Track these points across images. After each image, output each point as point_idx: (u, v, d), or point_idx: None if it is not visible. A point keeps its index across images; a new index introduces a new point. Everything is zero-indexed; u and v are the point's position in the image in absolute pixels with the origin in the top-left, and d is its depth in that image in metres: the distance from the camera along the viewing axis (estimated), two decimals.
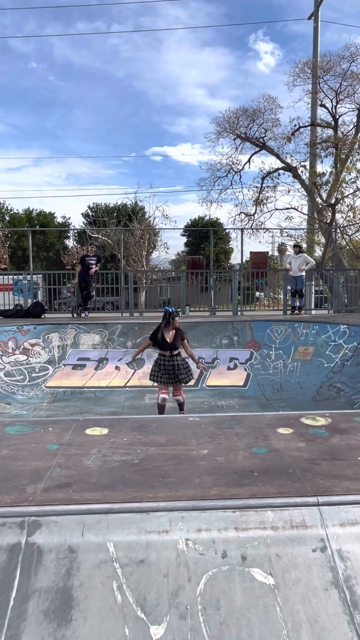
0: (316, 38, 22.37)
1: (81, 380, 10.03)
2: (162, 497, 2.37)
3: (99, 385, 9.89)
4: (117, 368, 10.31)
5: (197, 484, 2.52)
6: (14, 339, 10.52)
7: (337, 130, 20.82)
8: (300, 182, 21.68)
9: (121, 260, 19.10)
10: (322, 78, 20.06)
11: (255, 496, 2.38)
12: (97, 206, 35.91)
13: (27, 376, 9.99)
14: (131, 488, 2.48)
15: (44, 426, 3.46)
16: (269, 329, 11.09)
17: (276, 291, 20.39)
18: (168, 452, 2.98)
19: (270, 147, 21.99)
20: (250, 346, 10.85)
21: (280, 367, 10.31)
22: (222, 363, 10.43)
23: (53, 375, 10.13)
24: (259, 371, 10.26)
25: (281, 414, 3.94)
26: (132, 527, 2.21)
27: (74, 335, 10.91)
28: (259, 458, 2.87)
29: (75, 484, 2.55)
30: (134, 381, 10.00)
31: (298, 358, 10.39)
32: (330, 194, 20.48)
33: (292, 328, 10.94)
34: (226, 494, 2.40)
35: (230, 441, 3.17)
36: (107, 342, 10.85)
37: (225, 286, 23.01)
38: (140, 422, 3.55)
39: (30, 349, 10.52)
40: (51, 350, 10.62)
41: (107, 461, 2.83)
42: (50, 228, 36.09)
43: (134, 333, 10.95)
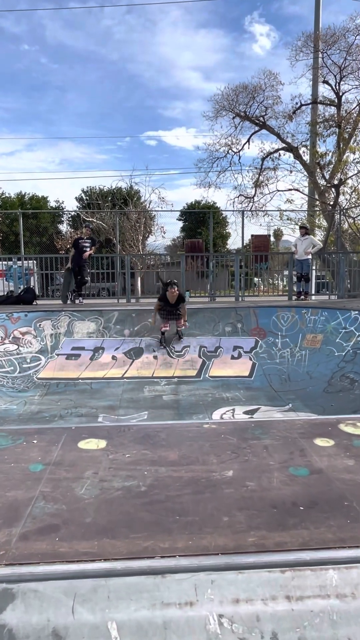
0: (318, 12, 21.35)
1: (76, 371, 9.38)
2: (183, 548, 1.74)
3: (95, 377, 9.24)
4: (114, 358, 9.65)
5: (227, 526, 1.89)
6: (3, 327, 9.82)
7: (341, 108, 19.97)
8: (302, 162, 20.87)
9: (116, 245, 18.33)
10: (325, 52, 19.14)
11: (308, 546, 1.75)
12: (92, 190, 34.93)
13: (18, 367, 9.32)
14: (139, 533, 1.85)
15: (27, 437, 2.81)
16: (275, 316, 10.44)
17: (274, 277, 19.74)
18: (183, 474, 2.35)
19: (271, 127, 21.12)
20: (255, 334, 10.21)
21: (288, 356, 9.70)
22: (226, 352, 9.80)
23: (45, 366, 9.47)
24: (265, 360, 9.64)
25: (314, 419, 3.32)
26: (142, 597, 1.58)
27: (68, 323, 10.23)
28: (300, 483, 2.24)
29: (63, 526, 1.91)
30: (132, 372, 9.35)
31: (306, 346, 9.77)
32: (333, 174, 19.71)
33: (299, 314, 10.30)
34: (269, 543, 1.76)
35: (259, 457, 2.54)
36: (103, 330, 10.18)
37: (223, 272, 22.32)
38: (145, 432, 2.91)
39: (20, 338, 9.83)
40: (43, 339, 9.94)
41: (106, 489, 2.19)
42: (43, 210, 35.11)
43: (131, 320, 10.28)
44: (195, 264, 14.89)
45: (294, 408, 7.56)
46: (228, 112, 21.25)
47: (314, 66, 19.38)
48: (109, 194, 31.89)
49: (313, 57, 19.14)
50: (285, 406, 7.73)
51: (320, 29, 19.39)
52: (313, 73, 19.80)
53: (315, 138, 20.09)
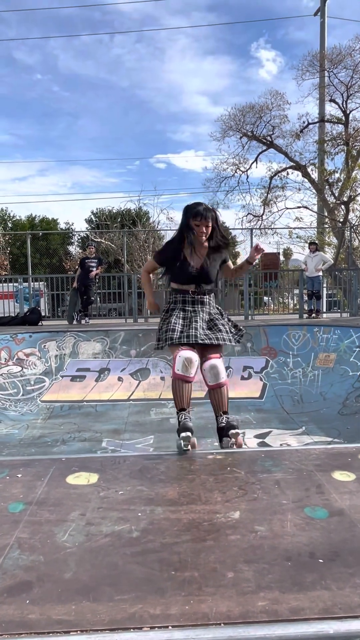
0: (323, 33, 21.53)
1: (80, 393, 9.10)
2: (177, 615, 1.43)
3: (100, 399, 8.95)
4: (119, 379, 9.37)
5: (232, 584, 1.58)
6: (7, 348, 9.61)
7: (348, 126, 19.91)
8: (310, 180, 20.76)
9: (124, 264, 18.23)
10: (331, 71, 19.18)
11: (330, 613, 1.43)
12: (101, 211, 35.19)
13: (21, 389, 9.07)
14: (125, 594, 1.54)
15: (12, 470, 2.52)
16: (286, 334, 10.11)
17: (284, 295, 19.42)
18: (182, 515, 2.04)
19: (278, 146, 21.09)
20: (266, 353, 9.88)
21: (300, 376, 9.33)
22: (236, 372, 9.46)
23: (49, 388, 9.21)
24: (276, 381, 9.28)
25: (331, 447, 2.99)
26: None
27: (73, 343, 10.00)
28: (318, 528, 1.92)
29: (37, 584, 1.61)
30: (139, 394, 9.05)
31: (319, 366, 9.40)
32: (342, 191, 19.54)
33: (311, 333, 9.96)
34: (282, 609, 1.45)
35: (270, 495, 2.22)
36: (109, 350, 9.92)
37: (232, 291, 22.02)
38: (142, 464, 2.61)
39: (24, 360, 9.61)
40: (48, 360, 9.71)
41: (92, 535, 1.89)
42: (51, 232, 35.37)
43: (138, 340, 10.02)
44: None
45: (307, 431, 7.18)
46: (235, 132, 21.29)
47: (320, 85, 19.41)
48: (118, 216, 32.06)
49: (319, 76, 19.18)
50: (298, 429, 7.36)
51: (326, 49, 19.48)
52: (320, 92, 19.83)
53: (323, 156, 20.00)
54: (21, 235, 31.87)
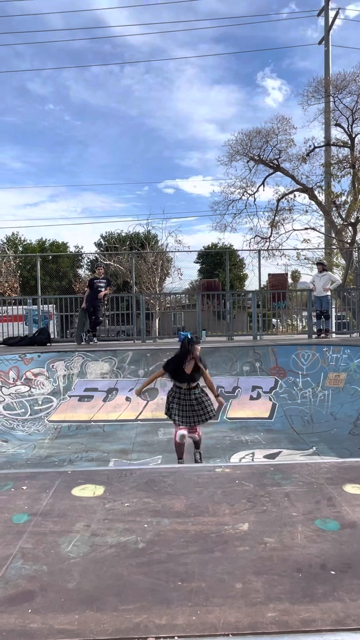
0: (327, 61, 22.05)
1: (88, 413, 9.04)
2: (184, 626, 1.38)
3: (108, 419, 8.88)
4: (127, 399, 9.31)
5: (240, 595, 1.52)
6: (15, 368, 9.62)
7: (354, 149, 20.14)
8: (317, 202, 20.91)
9: (133, 286, 18.34)
10: (336, 96, 19.52)
11: (343, 625, 1.37)
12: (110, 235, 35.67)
13: (29, 409, 9.04)
14: (130, 604, 1.49)
15: (17, 483, 2.49)
16: (295, 354, 10.02)
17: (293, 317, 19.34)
18: (189, 527, 1.99)
19: (285, 169, 21.34)
20: (275, 373, 9.78)
21: (310, 396, 9.20)
22: (244, 392, 9.37)
23: (57, 408, 9.16)
24: (286, 401, 9.16)
25: (342, 461, 2.92)
26: None
27: (81, 363, 9.98)
28: (329, 540, 1.86)
29: (40, 593, 1.57)
30: (147, 414, 8.97)
31: (329, 386, 9.28)
32: (349, 213, 19.66)
33: (320, 352, 9.87)
34: (293, 620, 1.39)
35: (279, 507, 2.16)
36: (117, 370, 9.89)
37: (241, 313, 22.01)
38: (149, 476, 2.57)
39: (33, 379, 9.60)
40: (56, 380, 9.68)
41: (97, 546, 1.85)
42: (61, 254, 35.82)
43: (146, 360, 9.98)
44: (211, 304, 14.68)
45: (318, 451, 7.05)
46: (242, 156, 21.60)
47: (325, 110, 19.73)
48: (127, 239, 32.44)
49: (325, 101, 19.51)
50: (308, 449, 7.22)
51: (331, 75, 19.88)
52: (325, 116, 20.14)
53: (329, 179, 20.18)
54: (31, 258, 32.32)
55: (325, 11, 21.14)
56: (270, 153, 21.60)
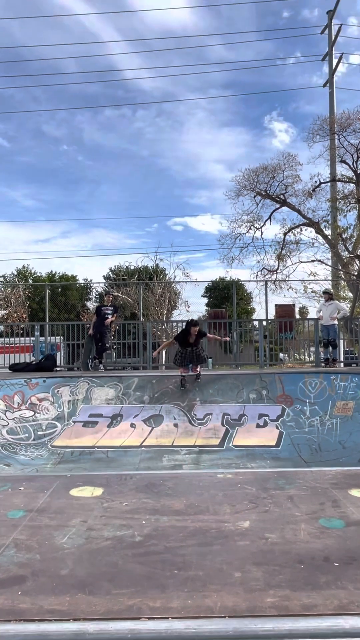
0: (332, 101, 22.74)
1: (92, 439, 8.90)
2: (179, 608, 1.31)
3: (112, 445, 8.73)
4: (132, 425, 9.17)
5: (239, 582, 1.46)
6: (20, 392, 9.57)
7: (359, 185, 20.50)
8: (323, 236, 21.13)
9: (140, 317, 18.41)
10: (341, 134, 20.04)
11: (347, 610, 1.30)
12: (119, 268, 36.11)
13: (33, 434, 8.92)
14: (124, 589, 1.43)
15: (14, 484, 2.44)
16: (302, 382, 9.88)
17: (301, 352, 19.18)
18: (188, 524, 1.93)
19: (291, 204, 21.68)
20: (282, 401, 9.63)
21: (317, 425, 9.01)
22: (251, 420, 9.19)
23: (61, 433, 9.04)
24: (293, 429, 8.97)
25: (348, 469, 2.84)
26: None
27: (86, 389, 9.91)
28: (333, 536, 1.79)
29: (32, 578, 1.51)
30: (151, 440, 8.81)
31: (337, 414, 9.10)
32: (356, 246, 19.82)
33: (328, 380, 9.73)
34: (293, 605, 1.32)
35: (282, 508, 2.09)
36: (122, 396, 9.79)
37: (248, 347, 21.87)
38: (149, 480, 2.51)
39: (37, 404, 9.52)
40: (60, 405, 9.60)
41: (93, 538, 1.79)
42: (69, 282, 36.20)
43: (151, 387, 9.89)
44: (218, 334, 14.63)
45: None
46: (249, 191, 22.02)
47: (330, 147, 20.20)
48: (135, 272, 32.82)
49: (330, 139, 20.01)
50: None
51: (335, 114, 20.48)
52: (330, 153, 20.61)
53: (336, 213, 20.46)
54: (40, 290, 32.68)
55: (329, 55, 21.98)
56: (276, 188, 21.99)
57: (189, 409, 9.33)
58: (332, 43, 21.70)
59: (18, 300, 25.91)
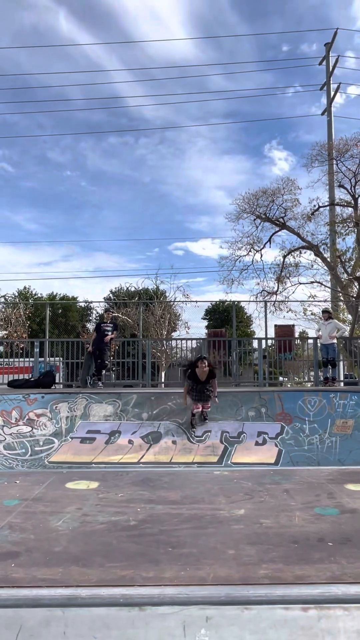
0: (330, 129, 23.27)
1: (89, 455, 8.81)
2: (171, 578, 1.31)
3: (109, 462, 8.62)
4: (130, 442, 9.09)
5: (232, 558, 1.46)
6: (18, 408, 9.52)
7: (357, 209, 20.81)
8: (322, 259, 21.32)
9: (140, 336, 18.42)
10: (339, 160, 20.45)
11: (340, 580, 1.30)
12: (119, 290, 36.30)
13: (29, 450, 8.84)
14: (118, 562, 1.43)
15: (10, 478, 2.44)
16: (301, 400, 9.84)
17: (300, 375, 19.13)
18: (183, 511, 1.93)
19: (291, 227, 21.95)
20: (281, 419, 9.57)
21: (317, 443, 8.94)
22: (250, 438, 9.12)
23: (58, 449, 8.95)
24: (292, 447, 8.89)
25: (345, 468, 2.83)
26: (110, 635, 1.15)
27: (85, 405, 9.85)
28: (328, 522, 1.79)
29: (25, 553, 1.51)
30: (149, 457, 8.72)
31: (336, 432, 9.03)
32: (355, 268, 19.99)
33: (327, 399, 9.69)
34: (286, 576, 1.32)
35: (278, 499, 2.09)
36: (121, 413, 9.74)
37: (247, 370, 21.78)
38: (145, 475, 2.51)
39: (35, 420, 9.46)
40: (58, 421, 9.54)
41: (87, 522, 1.79)
42: (69, 301, 36.36)
43: (150, 404, 9.84)
44: (217, 354, 14.61)
45: None
46: (249, 214, 22.32)
47: (329, 172, 20.58)
48: (135, 294, 32.96)
49: (328, 164, 20.41)
50: None
51: (333, 140, 20.94)
52: (329, 178, 20.97)
53: (334, 236, 20.69)
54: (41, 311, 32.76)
55: (327, 85, 22.59)
56: (276, 211, 22.28)
57: (188, 426, 9.27)
58: (330, 73, 22.35)
59: (19, 320, 25.94)
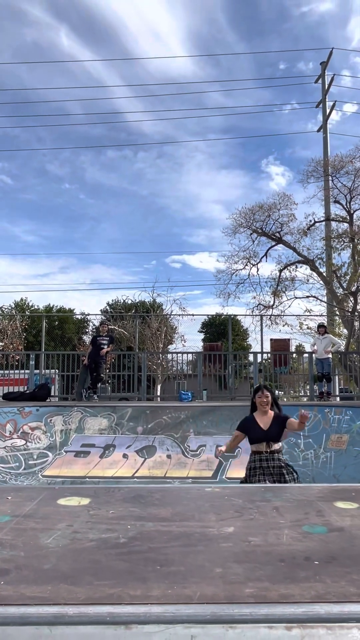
0: (326, 145, 23.65)
1: (83, 469, 8.79)
2: (158, 596, 1.34)
3: (103, 476, 8.61)
4: (124, 456, 9.08)
5: (219, 576, 1.48)
6: (12, 421, 9.50)
7: (353, 224, 21.03)
8: (318, 273, 21.48)
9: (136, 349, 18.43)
10: (335, 176, 20.72)
11: (324, 599, 1.33)
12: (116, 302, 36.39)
13: (23, 463, 8.81)
14: (106, 581, 1.45)
15: (2, 494, 2.45)
16: (296, 415, 9.86)
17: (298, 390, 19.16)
18: (173, 529, 1.95)
19: (287, 242, 22.16)
20: None
21: (312, 458, 8.95)
22: (245, 452, 9.09)
23: (52, 463, 8.93)
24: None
25: (335, 485, 2.86)
26: None
27: (80, 418, 9.86)
28: (315, 540, 1.81)
29: (14, 571, 1.53)
30: (143, 471, 8.70)
31: (331, 447, 9.05)
32: (350, 283, 20.14)
33: (322, 413, 9.72)
34: (271, 594, 1.35)
35: (267, 517, 2.11)
36: (116, 426, 9.73)
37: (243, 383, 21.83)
38: (136, 492, 2.52)
39: (29, 433, 9.44)
40: (53, 435, 9.52)
41: (77, 540, 1.81)
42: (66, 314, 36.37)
43: (145, 417, 9.84)
44: (213, 368, 14.65)
45: None
46: (245, 228, 22.54)
47: (325, 188, 20.85)
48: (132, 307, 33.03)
49: (324, 180, 20.68)
50: None
51: (329, 156, 21.24)
52: (325, 194, 21.24)
53: (330, 251, 20.89)
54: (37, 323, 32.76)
55: (323, 102, 23.00)
56: (272, 226, 22.54)
57: (183, 440, 9.26)
58: (326, 91, 22.74)
59: (15, 332, 25.89)
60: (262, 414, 4.59)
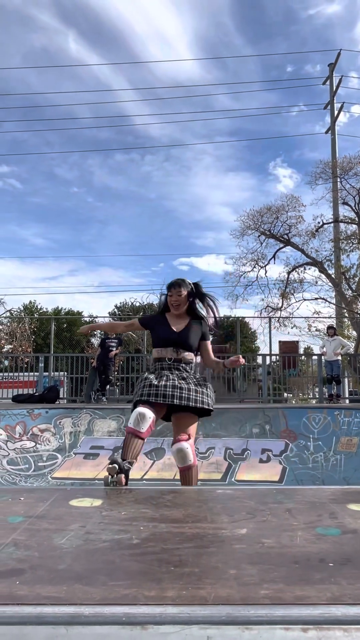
0: (334, 147, 23.57)
1: (92, 471, 8.81)
2: (174, 597, 1.34)
3: None
4: None
5: (233, 578, 1.48)
6: (22, 423, 9.56)
7: None
8: (327, 275, 21.40)
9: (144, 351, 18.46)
10: (343, 178, 20.64)
11: (340, 601, 1.32)
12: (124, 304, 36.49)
13: (33, 465, 8.86)
14: (120, 581, 1.46)
15: (14, 495, 2.47)
16: (305, 417, 9.84)
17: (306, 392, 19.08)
18: (186, 530, 1.95)
19: (295, 243, 22.11)
20: (285, 436, 9.56)
21: (321, 461, 8.91)
22: (254, 455, 9.11)
23: (62, 465, 8.97)
24: (296, 465, 8.86)
25: (348, 487, 2.84)
26: None
27: (89, 421, 9.89)
28: (329, 542, 1.80)
29: (30, 571, 1.54)
30: (152, 473, 8.71)
31: (341, 450, 9.00)
32: (359, 285, 20.04)
33: (332, 416, 9.68)
34: (287, 596, 1.34)
35: (280, 519, 2.11)
36: (124, 428, 9.75)
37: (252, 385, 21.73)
38: (148, 494, 2.53)
39: (39, 435, 9.49)
40: (62, 437, 9.56)
41: (91, 540, 1.82)
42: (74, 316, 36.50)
43: None
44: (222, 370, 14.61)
45: None
46: (254, 230, 22.51)
47: (333, 189, 20.78)
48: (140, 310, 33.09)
49: (332, 181, 20.61)
50: None
51: (337, 159, 21.16)
52: (333, 195, 21.17)
53: (339, 253, 20.79)
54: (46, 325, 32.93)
55: (331, 104, 22.93)
56: (280, 228, 22.50)
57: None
58: (334, 93, 22.67)
59: (24, 335, 26.01)
60: (176, 317, 3.49)
